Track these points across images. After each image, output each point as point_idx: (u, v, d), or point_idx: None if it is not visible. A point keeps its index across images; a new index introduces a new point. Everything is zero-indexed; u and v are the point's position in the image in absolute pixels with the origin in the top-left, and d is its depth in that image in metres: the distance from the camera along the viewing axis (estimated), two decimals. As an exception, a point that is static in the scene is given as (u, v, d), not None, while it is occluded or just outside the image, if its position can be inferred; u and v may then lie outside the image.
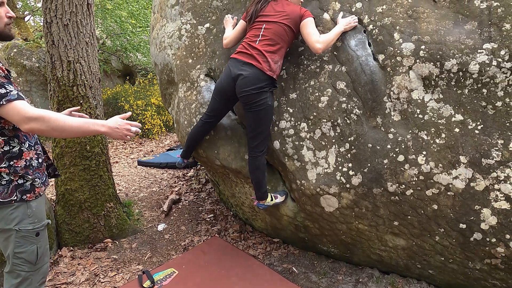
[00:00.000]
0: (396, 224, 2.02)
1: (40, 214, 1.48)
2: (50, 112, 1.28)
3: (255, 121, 2.10)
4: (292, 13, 2.05)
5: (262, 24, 2.08)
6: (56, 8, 2.62)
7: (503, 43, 1.70)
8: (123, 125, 1.42)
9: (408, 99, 1.89)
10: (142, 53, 8.42)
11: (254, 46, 2.05)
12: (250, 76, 2.01)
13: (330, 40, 1.97)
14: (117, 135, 1.40)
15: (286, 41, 2.08)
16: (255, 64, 2.01)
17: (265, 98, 2.05)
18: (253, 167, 2.20)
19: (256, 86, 2.01)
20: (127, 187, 4.24)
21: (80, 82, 2.75)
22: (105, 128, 1.38)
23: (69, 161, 2.77)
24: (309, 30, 2.00)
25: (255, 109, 2.06)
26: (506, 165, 1.70)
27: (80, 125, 1.33)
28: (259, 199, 2.29)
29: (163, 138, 7.43)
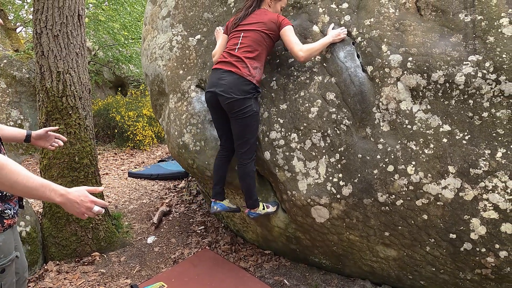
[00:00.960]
0: (387, 234, 2.01)
1: (8, 249, 1.32)
2: (9, 163, 1.06)
3: (242, 128, 2.10)
4: (269, 22, 2.09)
5: (241, 33, 2.12)
6: (46, 19, 2.62)
7: (488, 55, 1.74)
8: (86, 201, 1.17)
9: (397, 110, 1.92)
10: (135, 65, 8.42)
11: (233, 54, 2.09)
12: (230, 82, 2.03)
13: (314, 49, 2.00)
14: (73, 210, 1.16)
15: (265, 48, 2.11)
16: (234, 70, 2.04)
17: (250, 105, 2.06)
18: (243, 174, 2.19)
19: (237, 92, 2.02)
20: (117, 199, 4.17)
21: (70, 93, 2.73)
22: (61, 199, 1.13)
23: (57, 172, 2.72)
24: (289, 38, 2.04)
25: (241, 116, 2.06)
26: (494, 174, 1.72)
27: (35, 187, 1.09)
28: (250, 207, 2.27)
29: (155, 150, 7.38)
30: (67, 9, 2.67)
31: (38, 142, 1.66)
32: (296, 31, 2.22)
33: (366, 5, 2.05)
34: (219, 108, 2.16)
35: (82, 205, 1.15)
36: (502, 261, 1.73)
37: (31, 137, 1.62)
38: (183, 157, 2.60)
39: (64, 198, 1.13)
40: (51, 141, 1.71)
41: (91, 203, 1.17)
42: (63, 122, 2.72)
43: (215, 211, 2.35)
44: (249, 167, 2.17)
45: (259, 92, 2.14)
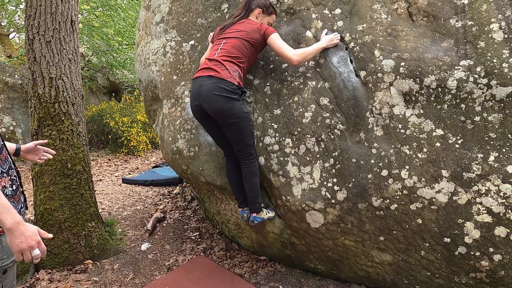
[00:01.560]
0: (382, 239, 2.01)
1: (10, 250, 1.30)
2: None
3: (237, 133, 2.07)
4: (252, 31, 2.10)
5: (222, 40, 2.14)
6: (38, 25, 2.60)
7: (479, 60, 1.76)
8: (33, 239, 1.12)
9: (390, 115, 1.92)
10: (129, 70, 8.40)
11: (212, 59, 2.09)
12: (210, 87, 1.99)
13: (307, 54, 2.01)
14: (15, 242, 1.09)
15: (246, 55, 2.10)
16: (213, 74, 2.02)
17: (238, 108, 2.01)
18: (248, 174, 2.14)
19: (219, 92, 1.98)
20: (111, 206, 4.13)
21: (62, 99, 2.71)
22: (12, 225, 1.08)
23: (49, 179, 2.69)
24: (278, 44, 2.05)
25: (233, 121, 2.02)
26: (487, 178, 1.73)
27: None
28: (255, 211, 2.21)
29: (149, 155, 7.34)
30: (59, 15, 2.65)
31: (27, 156, 1.68)
32: (290, 37, 2.23)
33: (359, 11, 2.07)
34: (207, 117, 2.13)
35: (26, 241, 1.10)
36: (497, 264, 1.73)
37: (21, 151, 1.64)
38: (177, 163, 2.58)
39: (15, 225, 1.09)
40: (40, 155, 1.73)
41: (36, 243, 1.13)
42: (56, 128, 2.69)
43: (247, 219, 2.29)
44: (253, 166, 2.14)
45: (244, 92, 2.10)
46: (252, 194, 2.19)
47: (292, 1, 2.28)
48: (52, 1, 2.60)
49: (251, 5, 2.21)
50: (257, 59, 2.32)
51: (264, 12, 2.21)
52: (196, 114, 2.15)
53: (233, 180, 2.28)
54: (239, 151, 2.14)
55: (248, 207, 2.29)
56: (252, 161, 2.14)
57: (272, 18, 2.25)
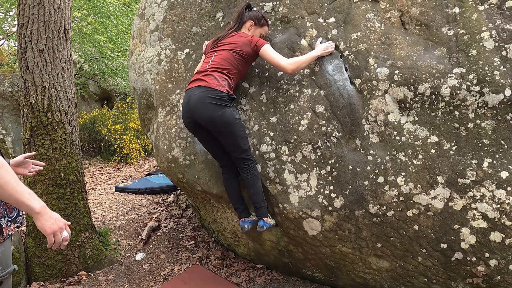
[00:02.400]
0: (379, 246, 2.02)
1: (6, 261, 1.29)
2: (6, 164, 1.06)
3: (231, 140, 2.07)
4: (242, 44, 2.13)
5: (214, 53, 2.17)
6: (31, 33, 2.58)
7: (471, 68, 1.79)
8: (60, 220, 1.18)
9: (385, 122, 1.94)
10: (121, 77, 8.35)
11: (202, 71, 2.12)
12: (200, 96, 2.02)
13: (301, 62, 2.03)
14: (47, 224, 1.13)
15: (236, 67, 2.12)
16: (202, 84, 2.05)
17: (229, 115, 2.02)
18: (252, 178, 2.11)
19: (208, 101, 1.99)
20: (104, 215, 4.08)
21: (55, 108, 2.68)
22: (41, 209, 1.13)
23: (42, 189, 2.65)
24: (271, 55, 2.07)
25: (225, 129, 2.03)
26: (481, 184, 1.75)
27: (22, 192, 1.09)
28: (263, 215, 2.18)
29: (142, 163, 7.28)
30: (53, 24, 2.63)
31: (16, 170, 1.66)
32: (285, 45, 2.24)
33: (353, 20, 2.10)
34: (200, 129, 2.14)
35: (56, 222, 1.17)
36: (493, 269, 1.75)
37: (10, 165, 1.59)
38: (172, 172, 2.57)
39: (43, 209, 1.14)
40: (29, 168, 1.71)
41: (64, 225, 1.19)
42: (48, 137, 2.66)
43: (248, 229, 2.24)
44: (254, 170, 2.13)
45: (234, 99, 2.11)
46: (258, 198, 2.15)
47: (286, 9, 2.30)
48: (45, 10, 2.59)
49: (243, 17, 2.24)
50: (252, 68, 2.34)
51: (256, 24, 2.23)
52: (188, 126, 2.15)
53: (231, 191, 2.26)
54: (236, 157, 2.13)
55: (247, 216, 2.27)
56: (251, 165, 2.14)
57: (264, 30, 2.27)
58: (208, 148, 2.24)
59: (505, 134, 1.73)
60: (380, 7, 2.05)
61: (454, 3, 1.89)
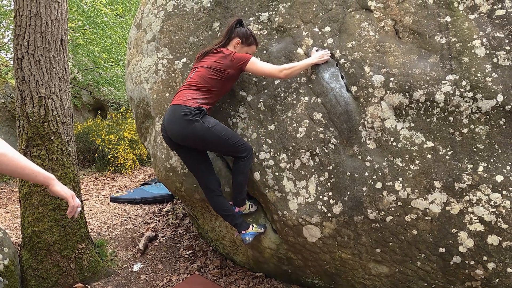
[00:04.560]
0: (378, 251, 2.03)
1: None
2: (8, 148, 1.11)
3: (218, 144, 2.06)
4: (223, 62, 2.11)
5: (194, 69, 2.19)
6: (28, 44, 2.58)
7: (464, 75, 1.84)
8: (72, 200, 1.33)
9: (382, 128, 1.98)
10: (115, 87, 8.34)
11: (179, 89, 2.14)
12: (170, 115, 2.03)
13: (296, 68, 2.06)
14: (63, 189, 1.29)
15: (210, 84, 2.10)
16: (174, 102, 2.07)
17: (200, 128, 1.99)
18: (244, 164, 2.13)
19: (177, 120, 2.00)
20: (99, 226, 4.03)
21: (52, 118, 2.67)
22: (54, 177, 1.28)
23: (38, 200, 2.62)
24: (260, 66, 2.08)
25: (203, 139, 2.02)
26: (477, 188, 1.78)
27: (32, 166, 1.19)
28: (238, 205, 2.26)
29: (137, 173, 7.23)
30: (49, 34, 2.64)
31: None
32: (281, 54, 2.28)
33: (348, 29, 2.14)
34: (179, 146, 2.13)
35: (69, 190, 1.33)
36: (491, 273, 1.77)
37: None
38: (170, 180, 2.56)
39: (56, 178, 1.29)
40: None
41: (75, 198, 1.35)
42: (45, 148, 2.64)
43: (249, 242, 2.22)
44: (247, 163, 2.13)
45: (203, 111, 2.04)
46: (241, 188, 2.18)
47: (282, 19, 2.34)
48: (42, 21, 2.60)
49: (232, 33, 2.22)
50: (249, 76, 2.36)
51: (243, 42, 2.20)
52: (170, 145, 2.15)
53: (226, 211, 2.22)
54: (233, 155, 2.16)
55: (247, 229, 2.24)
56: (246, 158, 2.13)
57: (252, 49, 2.25)
58: (189, 165, 2.18)
59: (498, 138, 1.77)
60: (374, 16, 2.10)
61: (445, 12, 1.95)
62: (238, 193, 2.21)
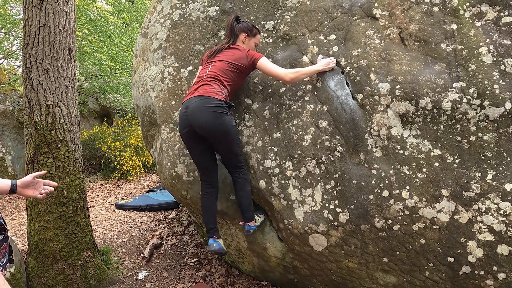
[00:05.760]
0: (385, 260, 2.00)
1: None
2: None
3: (227, 146, 2.13)
4: (240, 56, 2.18)
5: (210, 64, 2.22)
6: (36, 54, 2.62)
7: (471, 82, 1.83)
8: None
9: (388, 136, 1.96)
10: (121, 95, 8.42)
11: (199, 81, 2.17)
12: (196, 105, 2.06)
13: (302, 73, 2.08)
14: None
15: (231, 78, 2.17)
16: (199, 93, 2.10)
17: (226, 121, 2.06)
18: (243, 181, 2.19)
19: (206, 109, 2.03)
20: (105, 233, 4.04)
21: (59, 126, 2.69)
22: None
23: (44, 208, 2.63)
24: (269, 67, 2.13)
25: (223, 136, 2.08)
26: (486, 196, 1.76)
27: None
28: (249, 220, 2.25)
29: (142, 179, 7.25)
30: (58, 43, 2.68)
31: (25, 192, 1.51)
32: (287, 62, 2.29)
33: (353, 37, 2.14)
34: (197, 140, 2.16)
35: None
36: (501, 283, 1.74)
37: (17, 187, 1.47)
38: (176, 188, 2.56)
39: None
40: (40, 189, 1.56)
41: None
42: (52, 156, 2.66)
43: (214, 249, 2.20)
44: (245, 174, 2.21)
45: (231, 106, 2.15)
46: (246, 202, 2.22)
47: (288, 27, 2.35)
48: (51, 30, 2.64)
49: (235, 31, 2.28)
50: (255, 84, 2.37)
51: (249, 35, 2.29)
52: (185, 137, 2.17)
53: (211, 210, 2.26)
54: (229, 162, 2.20)
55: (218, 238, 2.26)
56: (243, 169, 2.22)
57: (257, 38, 2.33)
58: (201, 161, 2.23)
59: (507, 146, 1.75)
60: (379, 24, 2.10)
61: (451, 19, 1.95)
62: (244, 211, 2.23)
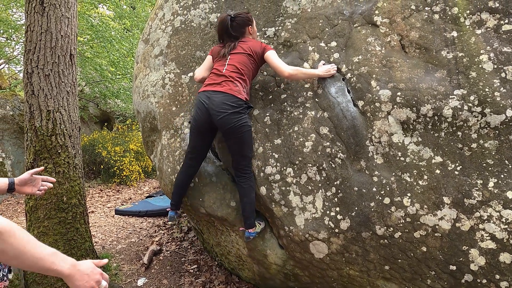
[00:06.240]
0: (387, 268, 1.99)
1: None
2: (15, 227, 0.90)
3: (240, 144, 2.14)
4: (254, 46, 2.22)
5: (228, 56, 2.23)
6: (38, 59, 2.62)
7: (472, 89, 1.83)
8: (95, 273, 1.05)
9: (389, 143, 1.96)
10: (122, 100, 8.43)
11: (220, 74, 2.18)
12: (220, 100, 2.09)
13: (302, 72, 2.10)
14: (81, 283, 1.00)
15: (250, 69, 2.21)
16: (223, 89, 2.11)
17: (244, 120, 2.11)
18: (248, 188, 2.18)
19: (229, 107, 2.08)
20: (104, 239, 4.01)
21: (59, 132, 2.69)
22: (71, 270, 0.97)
23: (44, 214, 2.62)
24: (274, 60, 2.15)
25: (237, 132, 2.10)
26: (488, 204, 1.75)
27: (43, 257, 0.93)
28: (250, 227, 2.23)
29: (142, 185, 7.23)
30: (59, 49, 2.69)
31: (24, 189, 1.48)
32: (288, 68, 2.29)
33: (354, 44, 2.15)
34: (209, 131, 2.20)
35: (90, 278, 1.02)
36: (504, 292, 1.72)
37: (15, 185, 1.43)
38: (176, 194, 2.55)
39: (74, 269, 0.99)
40: (38, 185, 1.52)
41: (100, 275, 1.06)
42: (52, 161, 2.65)
43: (172, 220, 2.44)
44: (251, 181, 2.19)
45: (250, 107, 2.22)
46: (249, 209, 2.20)
47: (289, 34, 2.36)
48: (52, 36, 2.65)
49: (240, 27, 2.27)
50: (255, 90, 2.37)
51: (252, 23, 2.31)
52: (199, 125, 2.18)
53: (182, 184, 2.35)
54: (238, 164, 2.19)
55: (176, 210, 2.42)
56: (250, 175, 2.20)
57: (254, 22, 2.35)
58: (199, 144, 2.26)
59: (508, 154, 1.75)
60: (380, 31, 2.11)
61: (451, 27, 1.96)
62: (246, 218, 2.22)
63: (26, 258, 0.89)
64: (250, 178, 2.19)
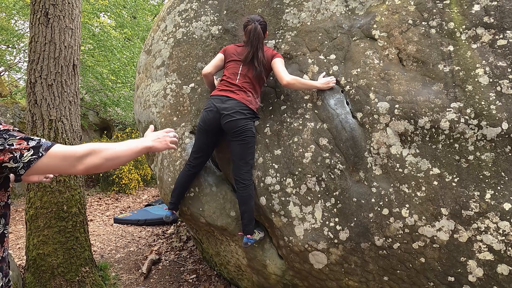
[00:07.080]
0: (386, 279, 2.00)
1: None
2: (94, 144, 1.10)
3: (242, 149, 2.19)
4: (266, 56, 2.27)
5: (240, 64, 2.29)
6: (41, 69, 2.66)
7: (468, 102, 1.87)
8: (163, 135, 1.32)
9: (388, 154, 1.99)
10: (122, 108, 8.47)
11: (233, 83, 2.25)
12: (232, 106, 2.19)
13: (300, 82, 2.14)
14: (163, 145, 1.29)
15: (261, 78, 2.30)
16: (235, 97, 2.20)
17: (250, 126, 2.20)
18: (247, 196, 2.21)
19: (239, 113, 2.17)
20: (103, 248, 4.00)
21: (61, 141, 2.71)
22: (151, 143, 1.25)
23: (44, 222, 2.62)
24: (278, 67, 2.21)
25: (242, 136, 2.16)
26: (485, 216, 1.77)
27: (129, 147, 1.16)
28: (249, 233, 2.25)
29: (141, 193, 7.22)
30: (62, 60, 2.73)
31: (30, 178, 1.57)
32: (287, 80, 2.33)
33: (352, 57, 2.20)
34: (213, 130, 2.25)
35: (163, 138, 1.31)
36: (502, 303, 1.73)
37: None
38: (176, 204, 2.56)
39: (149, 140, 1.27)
40: None
41: (165, 133, 1.33)
42: (53, 170, 2.66)
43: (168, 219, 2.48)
44: (250, 190, 2.22)
45: (258, 118, 2.31)
46: (248, 216, 2.23)
47: (289, 47, 2.41)
48: (56, 47, 2.69)
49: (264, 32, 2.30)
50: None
51: (267, 29, 2.36)
52: (205, 121, 2.24)
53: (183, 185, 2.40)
54: (238, 170, 2.21)
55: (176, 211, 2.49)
56: (249, 183, 2.22)
57: None
58: (204, 143, 2.32)
59: (505, 166, 1.78)
60: (378, 45, 2.15)
61: (448, 41, 2.00)
62: (245, 225, 2.24)
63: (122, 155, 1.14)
64: (250, 186, 2.21)
